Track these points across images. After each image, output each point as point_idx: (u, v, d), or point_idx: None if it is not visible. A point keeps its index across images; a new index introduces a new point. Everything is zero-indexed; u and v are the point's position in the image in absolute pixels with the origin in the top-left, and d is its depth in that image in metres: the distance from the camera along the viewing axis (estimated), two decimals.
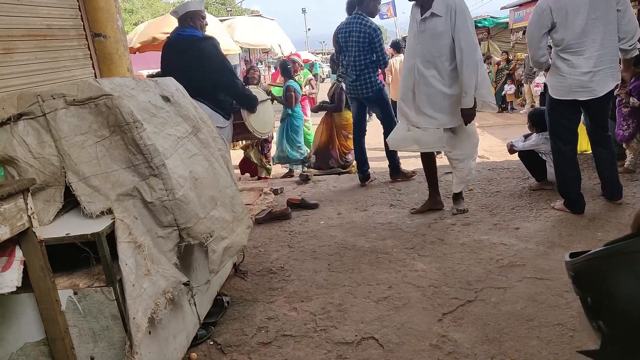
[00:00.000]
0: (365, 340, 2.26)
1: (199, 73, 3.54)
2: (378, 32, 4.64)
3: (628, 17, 3.23)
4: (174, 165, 1.98)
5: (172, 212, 1.90)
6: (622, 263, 1.21)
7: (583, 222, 3.43)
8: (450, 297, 2.58)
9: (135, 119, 1.85)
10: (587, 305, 1.37)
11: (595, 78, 3.28)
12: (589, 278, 1.31)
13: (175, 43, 3.74)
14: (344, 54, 4.82)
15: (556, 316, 2.30)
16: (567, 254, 1.40)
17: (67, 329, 1.70)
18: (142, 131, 1.85)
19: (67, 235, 1.68)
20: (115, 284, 1.69)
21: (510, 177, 4.76)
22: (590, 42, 3.26)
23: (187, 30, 3.72)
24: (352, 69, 4.71)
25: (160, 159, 1.89)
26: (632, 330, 1.22)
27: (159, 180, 1.88)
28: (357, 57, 4.66)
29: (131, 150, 1.86)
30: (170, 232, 1.95)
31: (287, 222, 3.97)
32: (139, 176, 1.87)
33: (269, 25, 10.82)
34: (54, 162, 1.80)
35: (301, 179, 5.46)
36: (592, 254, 1.28)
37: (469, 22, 3.40)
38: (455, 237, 3.39)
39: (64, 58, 3.47)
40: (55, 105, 1.81)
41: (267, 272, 3.06)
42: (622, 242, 1.23)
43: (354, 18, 4.66)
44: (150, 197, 1.86)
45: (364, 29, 4.57)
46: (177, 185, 1.95)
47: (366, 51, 4.63)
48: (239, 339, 2.35)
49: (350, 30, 4.64)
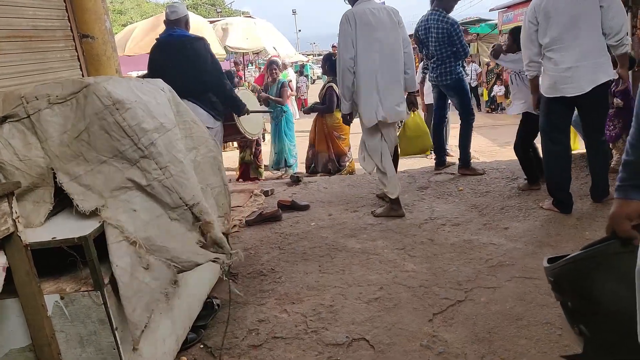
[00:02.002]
0: (356, 341, 2.26)
1: (191, 73, 3.55)
2: (455, 26, 4.83)
3: (612, 13, 3.25)
4: (169, 141, 1.90)
5: (175, 190, 1.84)
6: (600, 266, 1.23)
7: (571, 221, 3.46)
8: (441, 297, 2.59)
9: (114, 101, 1.78)
10: (568, 309, 1.38)
11: (577, 73, 3.33)
12: (568, 283, 1.32)
13: (167, 44, 3.76)
14: (425, 48, 5.06)
15: (544, 315, 2.31)
16: (545, 260, 1.41)
17: (53, 335, 1.67)
18: (123, 112, 1.77)
19: (53, 239, 1.65)
20: (102, 288, 1.67)
21: (500, 178, 4.79)
22: (571, 39, 3.33)
23: (178, 31, 3.76)
24: (434, 60, 4.94)
25: (148, 138, 1.81)
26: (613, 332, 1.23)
27: (151, 160, 1.81)
28: (437, 49, 4.88)
29: (114, 136, 1.78)
30: (182, 212, 1.89)
31: (277, 224, 3.96)
32: (129, 162, 1.80)
33: (264, 26, 10.73)
34: (40, 163, 1.77)
35: (292, 181, 5.45)
36: (571, 258, 1.29)
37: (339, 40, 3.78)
38: (445, 237, 3.40)
39: (51, 59, 3.43)
40: (39, 105, 1.78)
41: (258, 274, 3.05)
42: (598, 245, 1.24)
43: (432, 14, 4.87)
44: (146, 181, 1.80)
45: (442, 25, 4.78)
46: (174, 160, 1.87)
47: (446, 44, 4.83)
48: (230, 341, 2.34)
49: (429, 26, 4.87)
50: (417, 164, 6.25)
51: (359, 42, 3.66)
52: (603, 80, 3.36)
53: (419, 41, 5.13)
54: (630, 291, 1.01)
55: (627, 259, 1.12)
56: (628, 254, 1.12)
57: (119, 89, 1.86)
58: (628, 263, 1.10)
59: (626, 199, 1.16)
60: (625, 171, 1.16)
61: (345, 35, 3.69)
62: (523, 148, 4.28)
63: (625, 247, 1.14)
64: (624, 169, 1.17)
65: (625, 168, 1.16)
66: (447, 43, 4.80)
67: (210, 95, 3.72)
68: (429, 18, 4.88)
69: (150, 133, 1.85)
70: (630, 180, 1.15)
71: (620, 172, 1.18)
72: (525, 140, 4.28)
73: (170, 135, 1.98)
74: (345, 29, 3.69)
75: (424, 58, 5.40)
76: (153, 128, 1.88)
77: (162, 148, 1.87)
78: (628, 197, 1.15)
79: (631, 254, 1.10)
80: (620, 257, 1.17)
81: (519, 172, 4.81)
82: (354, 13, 3.68)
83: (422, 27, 4.99)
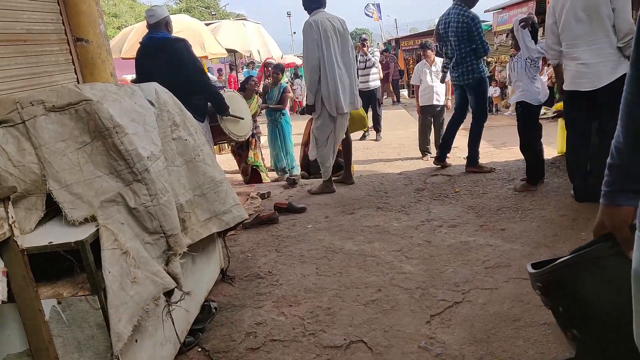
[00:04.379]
0: (354, 343, 2.26)
1: (173, 74, 3.59)
2: (476, 20, 4.84)
3: (622, 16, 3.39)
4: (158, 170, 1.96)
5: (157, 218, 1.88)
6: (590, 269, 1.23)
7: (567, 222, 3.47)
8: (438, 298, 2.59)
9: (115, 124, 1.82)
10: (559, 315, 1.38)
11: (591, 69, 3.49)
12: (559, 288, 1.32)
13: (149, 46, 3.84)
14: (445, 44, 5.09)
15: (542, 316, 2.32)
16: (529, 265, 1.40)
17: (51, 339, 1.67)
18: (122, 136, 1.82)
19: (50, 243, 1.65)
20: (100, 293, 1.66)
21: (496, 179, 4.80)
22: (586, 36, 3.49)
23: (159, 33, 3.85)
24: (455, 58, 4.97)
25: (143, 164, 1.86)
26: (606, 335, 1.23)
27: (143, 185, 1.85)
28: (456, 46, 4.90)
29: (113, 156, 1.83)
30: (157, 238, 1.93)
31: (274, 227, 3.95)
32: (123, 182, 1.85)
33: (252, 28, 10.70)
34: (34, 169, 1.77)
35: (288, 183, 5.44)
36: (560, 263, 1.29)
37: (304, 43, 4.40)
38: (442, 238, 3.41)
39: (45, 63, 3.42)
40: (34, 112, 1.78)
41: (255, 277, 3.04)
42: (587, 249, 1.24)
43: (453, 8, 4.90)
44: (134, 203, 1.83)
45: (461, 19, 4.79)
46: (163, 190, 1.93)
47: (465, 40, 4.83)
48: (227, 345, 2.33)
49: (449, 20, 4.90)
50: (413, 165, 6.26)
51: (323, 45, 4.32)
52: (618, 76, 3.42)
53: (439, 37, 5.15)
54: (620, 293, 1.00)
55: (615, 261, 1.12)
56: (615, 257, 1.12)
57: (117, 111, 1.90)
58: (616, 265, 1.11)
59: (614, 205, 1.11)
60: (611, 175, 1.11)
61: (311, 39, 4.34)
62: (527, 145, 4.30)
63: (612, 250, 1.14)
64: (609, 173, 1.12)
65: (610, 172, 1.11)
66: (466, 39, 4.82)
67: (193, 97, 3.76)
68: (450, 12, 4.92)
69: (145, 160, 1.90)
70: (616, 185, 1.10)
71: (605, 176, 1.13)
72: (526, 136, 4.29)
73: (159, 163, 2.02)
74: (310, 33, 4.34)
75: (443, 56, 5.43)
76: (147, 156, 1.93)
77: (154, 175, 1.92)
78: (615, 203, 1.11)
79: (618, 256, 1.10)
80: (609, 260, 1.17)
81: (515, 174, 4.84)
82: (316, 21, 4.34)
83: (443, 22, 5.03)
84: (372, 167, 5.34)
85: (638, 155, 0.99)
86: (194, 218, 2.30)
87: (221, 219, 2.48)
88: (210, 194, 2.43)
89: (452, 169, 5.35)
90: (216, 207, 2.45)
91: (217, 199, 2.47)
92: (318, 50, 4.33)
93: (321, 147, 4.69)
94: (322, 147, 4.68)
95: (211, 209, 2.43)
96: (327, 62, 4.38)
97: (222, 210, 2.48)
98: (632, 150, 1.02)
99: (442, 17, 5.07)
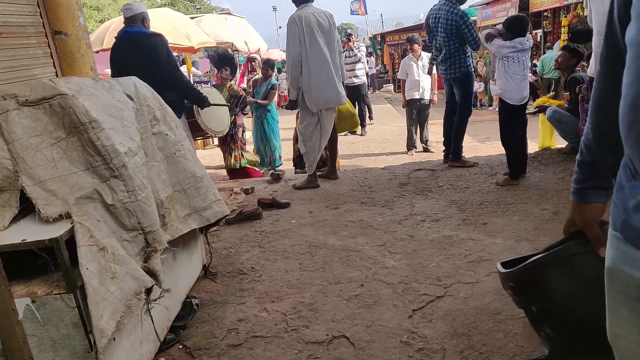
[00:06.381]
0: (337, 339, 2.26)
1: (148, 69, 3.54)
2: (465, 18, 4.91)
3: None
4: (136, 165, 1.93)
5: (135, 214, 1.85)
6: (561, 267, 1.23)
7: (548, 215, 3.51)
8: (420, 293, 2.60)
9: (91, 119, 1.79)
10: (533, 314, 1.38)
11: None
12: (530, 287, 1.32)
13: (124, 40, 3.81)
14: (435, 38, 5.17)
15: (521, 310, 2.34)
16: (499, 264, 1.40)
17: (25, 339, 1.64)
18: (99, 132, 1.79)
19: (23, 241, 1.61)
20: (76, 291, 1.63)
21: (479, 173, 4.84)
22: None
23: (135, 27, 3.83)
24: (443, 52, 5.04)
25: (121, 160, 1.83)
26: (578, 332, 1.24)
27: (120, 181, 1.82)
28: (445, 42, 4.98)
29: (89, 151, 1.80)
30: (135, 235, 1.90)
31: (258, 222, 3.93)
32: (99, 178, 1.81)
33: (235, 22, 10.63)
34: (7, 165, 1.73)
35: (272, 178, 5.42)
36: (531, 262, 1.29)
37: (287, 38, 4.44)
38: (425, 233, 3.42)
39: (22, 56, 3.34)
40: (6, 106, 1.74)
41: (238, 273, 3.02)
42: (558, 247, 1.25)
43: (443, 5, 4.96)
44: (111, 200, 1.80)
45: (450, 16, 4.87)
46: (141, 186, 1.90)
47: (454, 37, 4.92)
48: (209, 341, 2.32)
49: (439, 16, 4.98)
50: (397, 160, 6.27)
51: (307, 41, 4.34)
52: None
53: (429, 30, 5.22)
54: (592, 290, 1.01)
55: (587, 259, 1.13)
56: (587, 254, 1.13)
57: (94, 106, 1.86)
58: (588, 262, 1.12)
59: (584, 202, 1.11)
60: (581, 172, 1.11)
61: (294, 34, 4.36)
62: (506, 139, 4.37)
63: (583, 247, 1.15)
64: (579, 170, 1.11)
65: (580, 169, 1.11)
66: (454, 35, 4.90)
67: (168, 93, 3.70)
68: (441, 8, 4.98)
69: (122, 156, 1.86)
70: (586, 182, 1.10)
71: (575, 174, 1.13)
72: (504, 131, 4.36)
73: (137, 159, 1.98)
74: (293, 29, 4.36)
75: (432, 49, 5.50)
76: (124, 151, 1.90)
77: (132, 171, 1.89)
78: (585, 200, 1.11)
79: (589, 253, 1.11)
80: (580, 257, 1.18)
81: (497, 168, 4.88)
82: (300, 16, 4.35)
83: (433, 15, 5.09)
84: (357, 162, 5.35)
85: (607, 152, 0.99)
86: (173, 214, 2.27)
87: (202, 215, 2.46)
88: (190, 190, 2.41)
89: (434, 164, 5.38)
90: (196, 203, 2.43)
91: (197, 194, 2.45)
92: (300, 45, 4.36)
93: (306, 142, 4.72)
94: (307, 141, 4.72)
95: (191, 204, 2.41)
96: (309, 57, 4.39)
97: (202, 206, 2.46)
98: (601, 147, 1.03)
99: (433, 10, 5.12)
